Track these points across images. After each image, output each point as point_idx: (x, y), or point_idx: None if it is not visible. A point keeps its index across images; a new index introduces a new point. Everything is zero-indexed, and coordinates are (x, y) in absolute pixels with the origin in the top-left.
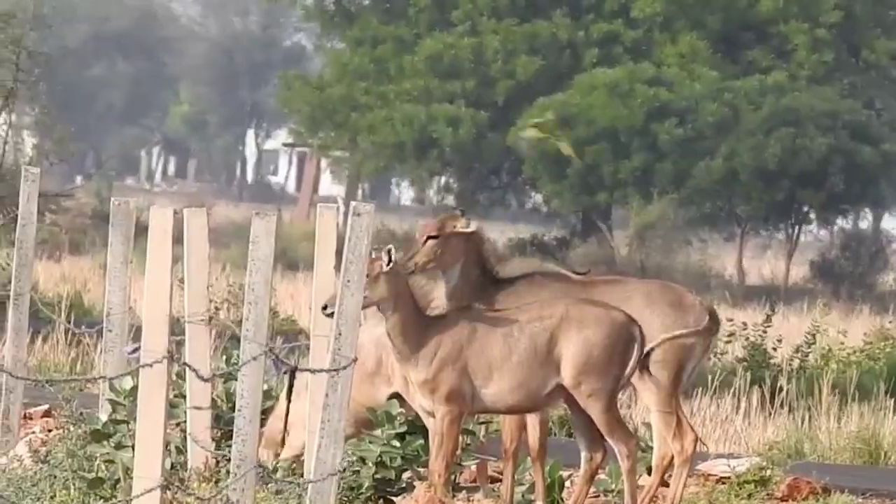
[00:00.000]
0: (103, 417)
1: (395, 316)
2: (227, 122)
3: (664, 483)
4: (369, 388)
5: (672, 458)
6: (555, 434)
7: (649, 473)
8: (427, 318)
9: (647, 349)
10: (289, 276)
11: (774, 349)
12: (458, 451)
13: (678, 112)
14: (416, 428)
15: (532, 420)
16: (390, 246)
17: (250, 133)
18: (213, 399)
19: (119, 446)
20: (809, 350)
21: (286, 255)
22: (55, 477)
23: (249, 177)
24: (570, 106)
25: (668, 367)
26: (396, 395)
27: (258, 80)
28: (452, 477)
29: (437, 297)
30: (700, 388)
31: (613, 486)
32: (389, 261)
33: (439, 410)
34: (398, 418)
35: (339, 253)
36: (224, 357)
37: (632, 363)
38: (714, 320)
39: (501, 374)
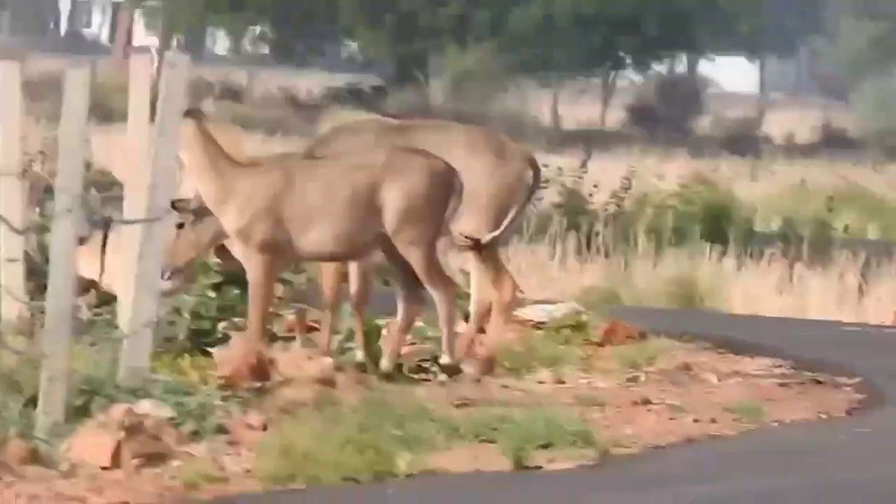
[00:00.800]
0: None
1: (198, 164)
2: None
3: (482, 330)
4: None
5: (490, 304)
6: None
7: (467, 321)
8: (240, 166)
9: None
10: (103, 128)
11: (591, 194)
12: (275, 301)
13: None
14: (233, 278)
15: (353, 269)
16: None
17: None
18: (26, 252)
19: None
20: (625, 195)
21: (101, 106)
22: None
23: (63, 28)
24: None
25: (488, 214)
26: (222, 246)
27: None
28: (269, 327)
29: None
30: (516, 235)
31: (430, 334)
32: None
33: (252, 259)
34: (213, 268)
35: (154, 104)
36: (38, 209)
37: (450, 211)
38: (535, 168)
39: (321, 223)
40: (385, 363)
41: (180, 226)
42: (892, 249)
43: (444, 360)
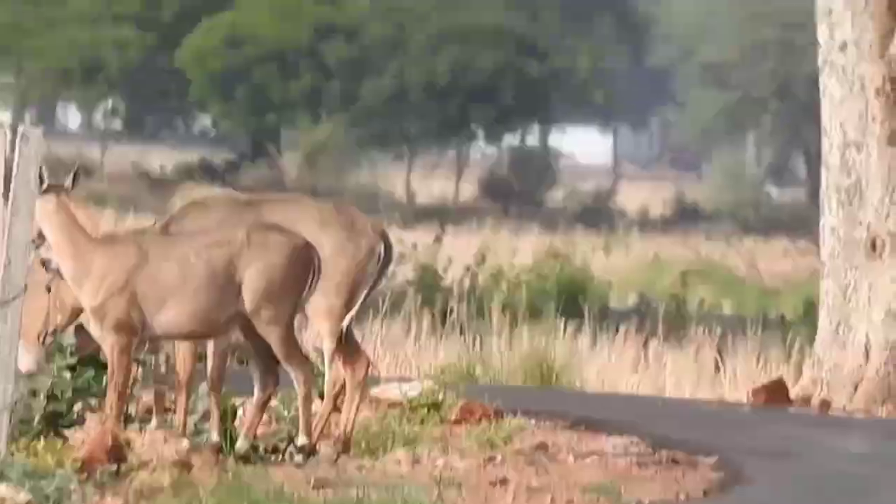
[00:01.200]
0: None
1: (58, 240)
2: None
3: (337, 409)
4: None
5: (344, 383)
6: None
7: (321, 399)
8: (97, 242)
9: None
10: None
11: (445, 270)
12: (131, 382)
13: (346, 30)
14: (89, 358)
15: (210, 348)
16: (40, 166)
17: None
18: None
19: None
20: (479, 270)
21: None
22: None
23: None
24: (237, 26)
25: (340, 291)
26: (80, 326)
27: None
28: (126, 408)
29: None
30: (371, 312)
31: (286, 413)
32: (41, 182)
33: (108, 339)
34: (69, 349)
35: (7, 179)
36: None
37: (308, 289)
38: (387, 243)
39: (177, 301)
40: (241, 444)
41: (49, 289)
42: (747, 325)
43: (302, 440)
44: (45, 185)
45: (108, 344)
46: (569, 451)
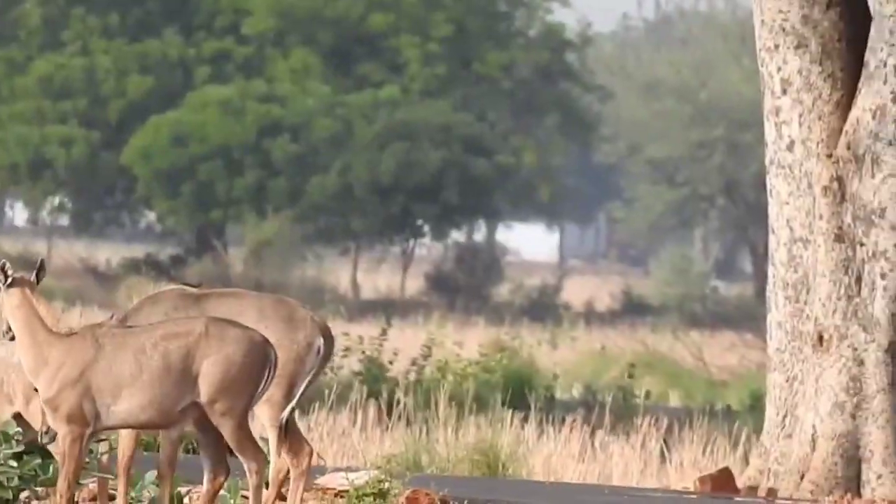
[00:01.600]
0: None
1: (20, 332)
2: None
3: (282, 497)
4: None
5: (288, 471)
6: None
7: (267, 487)
8: (55, 335)
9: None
10: None
11: (391, 363)
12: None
13: (291, 128)
14: (34, 447)
15: (163, 435)
16: (4, 261)
17: None
18: None
19: None
20: (426, 363)
21: None
22: None
23: None
24: (182, 124)
25: (280, 383)
26: (18, 415)
27: None
28: (75, 496)
29: None
30: (317, 403)
31: (232, 502)
32: (6, 277)
33: (61, 430)
34: (15, 437)
35: None
36: None
37: (264, 383)
38: (326, 336)
39: (132, 392)
40: None
41: None
42: (694, 415)
43: None
44: (9, 280)
45: (60, 434)
46: None
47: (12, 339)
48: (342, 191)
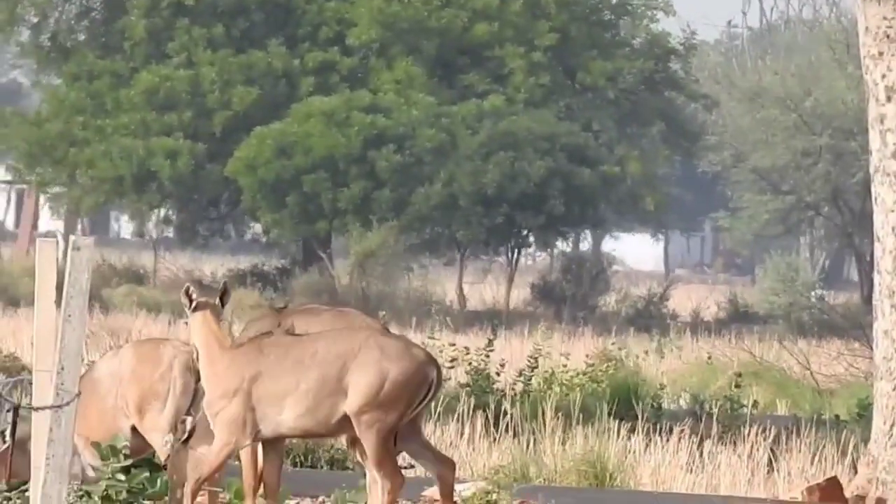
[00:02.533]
0: None
1: (201, 350)
2: None
3: None
4: (112, 423)
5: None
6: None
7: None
8: (226, 348)
9: None
10: (10, 313)
11: (497, 374)
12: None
13: (396, 139)
14: (141, 461)
15: (265, 450)
16: (188, 284)
17: None
18: None
19: None
20: (532, 374)
21: (7, 291)
22: None
23: None
24: (287, 135)
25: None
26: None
27: None
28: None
29: None
30: (424, 415)
31: None
32: (190, 301)
33: (217, 438)
34: (123, 451)
35: (59, 288)
36: None
37: (419, 401)
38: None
39: (292, 402)
40: None
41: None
42: (802, 424)
43: None
44: (195, 303)
45: (215, 440)
46: None
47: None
48: (447, 201)
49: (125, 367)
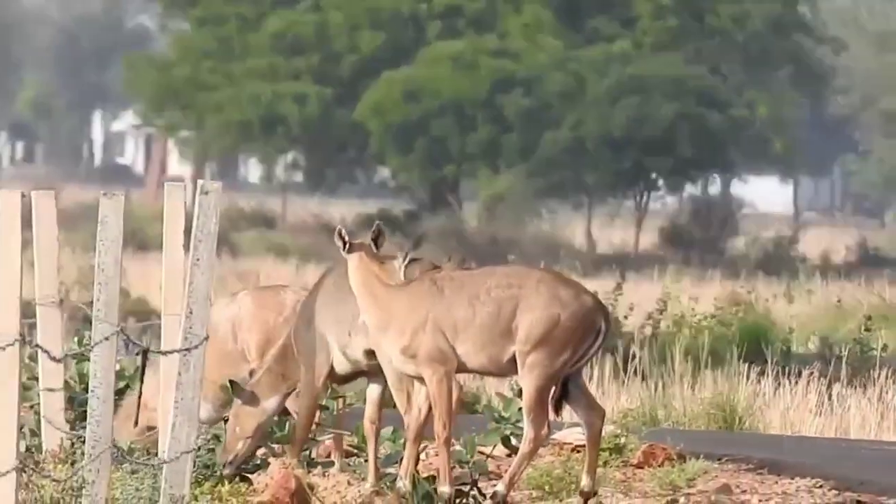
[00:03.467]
0: None
1: (360, 294)
2: (74, 105)
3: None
4: (231, 367)
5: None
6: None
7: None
8: (393, 288)
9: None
10: (139, 257)
11: (626, 317)
12: (314, 426)
13: (523, 83)
14: None
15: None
16: (339, 227)
17: (97, 115)
18: (66, 380)
19: None
20: (661, 317)
21: (136, 236)
22: None
23: (97, 159)
24: (414, 79)
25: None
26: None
27: (103, 62)
28: (307, 452)
29: None
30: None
31: (469, 457)
32: (344, 243)
33: (425, 374)
34: None
35: (188, 232)
36: (76, 338)
37: (587, 349)
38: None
39: (466, 336)
40: (500, 488)
41: None
42: None
43: (500, 488)
44: (348, 245)
45: (426, 377)
46: (752, 494)
47: None
48: (575, 145)
49: (245, 312)
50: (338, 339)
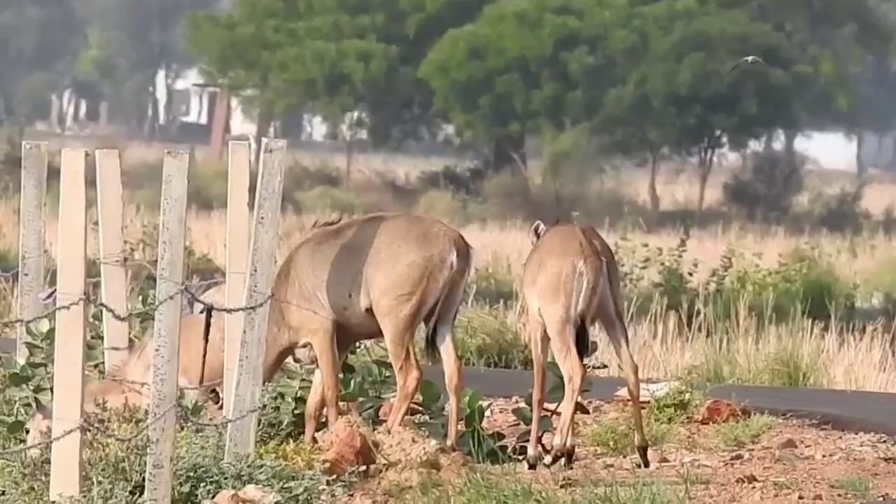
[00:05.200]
0: (21, 361)
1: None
2: (138, 64)
3: (583, 409)
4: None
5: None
6: (474, 364)
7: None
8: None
9: None
10: (203, 215)
11: (690, 274)
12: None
13: (588, 40)
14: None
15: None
16: (538, 223)
17: (161, 74)
18: (130, 339)
19: (38, 389)
20: (725, 273)
21: (200, 194)
22: None
23: (161, 118)
24: (479, 37)
25: (408, 300)
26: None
27: (167, 21)
28: (372, 409)
29: None
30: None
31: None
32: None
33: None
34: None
35: (252, 190)
36: (140, 297)
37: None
38: (461, 251)
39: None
40: (556, 441)
41: None
42: None
43: (556, 440)
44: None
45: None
46: (816, 448)
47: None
48: (639, 102)
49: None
50: (334, 301)
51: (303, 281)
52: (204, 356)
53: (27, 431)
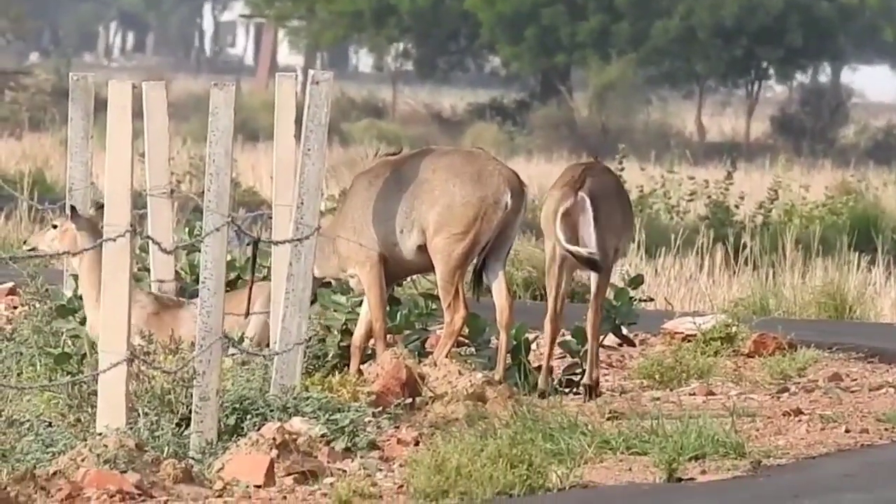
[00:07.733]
0: (68, 293)
1: None
2: None
3: (602, 346)
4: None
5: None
6: (520, 297)
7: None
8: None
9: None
10: (249, 147)
11: (737, 206)
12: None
13: None
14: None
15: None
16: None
17: (207, 6)
18: (176, 271)
19: (84, 321)
20: (772, 206)
21: (246, 126)
22: (21, 353)
23: (207, 49)
24: None
25: (462, 240)
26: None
27: None
28: (418, 341)
29: None
30: (663, 248)
31: (580, 347)
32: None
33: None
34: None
35: (298, 122)
36: (187, 229)
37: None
38: (515, 190)
39: None
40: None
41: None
42: None
43: (585, 380)
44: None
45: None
46: (863, 382)
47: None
48: (685, 34)
49: None
50: (385, 236)
51: (355, 212)
52: (250, 290)
53: (55, 227)
